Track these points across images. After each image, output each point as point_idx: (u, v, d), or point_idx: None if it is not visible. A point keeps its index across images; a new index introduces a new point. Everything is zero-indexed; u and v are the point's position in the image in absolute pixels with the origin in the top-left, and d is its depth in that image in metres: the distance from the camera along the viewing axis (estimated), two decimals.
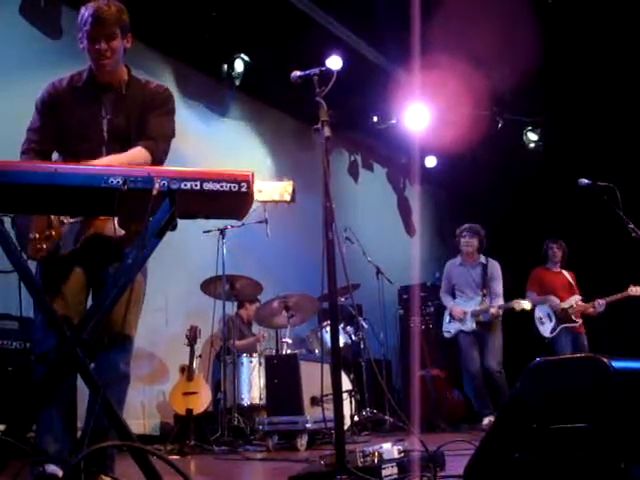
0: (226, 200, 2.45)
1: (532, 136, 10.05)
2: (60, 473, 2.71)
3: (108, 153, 3.02)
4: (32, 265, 2.67)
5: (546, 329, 7.46)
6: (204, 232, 6.41)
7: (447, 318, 7.54)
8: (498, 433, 2.45)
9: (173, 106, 3.23)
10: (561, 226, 8.58)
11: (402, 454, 3.11)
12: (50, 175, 2.36)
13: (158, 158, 3.04)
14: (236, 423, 6.13)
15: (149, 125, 3.10)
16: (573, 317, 7.35)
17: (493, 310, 7.13)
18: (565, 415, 2.27)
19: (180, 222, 2.52)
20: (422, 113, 9.38)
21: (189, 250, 6.91)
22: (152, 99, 3.16)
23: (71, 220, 2.81)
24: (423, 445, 3.07)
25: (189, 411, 5.92)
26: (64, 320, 2.61)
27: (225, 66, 7.93)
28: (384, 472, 2.88)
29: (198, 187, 2.39)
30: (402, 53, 7.66)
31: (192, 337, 6.29)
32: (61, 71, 6.62)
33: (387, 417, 7.08)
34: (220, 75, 7.94)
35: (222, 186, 2.40)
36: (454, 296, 7.60)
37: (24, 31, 6.35)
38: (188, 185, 2.38)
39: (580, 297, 7.48)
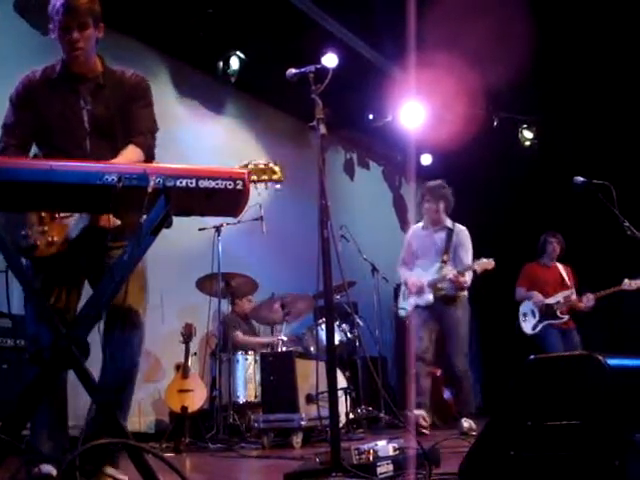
0: (222, 197, 2.45)
1: (527, 134, 10.06)
2: (54, 472, 2.71)
3: (92, 145, 3.01)
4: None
5: (528, 326, 7.26)
6: (199, 229, 6.40)
7: (402, 294, 6.59)
8: (493, 430, 2.46)
9: (152, 97, 3.21)
10: (556, 224, 8.57)
11: (397, 451, 3.11)
12: (45, 172, 2.35)
13: (150, 154, 3.04)
14: (231, 421, 6.13)
15: (135, 119, 3.07)
16: (558, 313, 7.12)
17: (451, 275, 6.15)
18: (560, 412, 2.27)
19: (175, 219, 2.52)
20: (417, 111, 9.40)
21: (184, 247, 6.90)
22: (133, 90, 3.14)
23: (62, 215, 2.79)
24: (418, 443, 3.07)
25: (184, 409, 5.92)
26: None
27: (221, 63, 7.91)
28: (379, 469, 2.88)
29: (194, 184, 2.39)
30: (398, 51, 7.64)
31: (187, 335, 6.29)
32: None
33: (382, 415, 7.08)
34: (216, 72, 7.92)
35: (218, 184, 2.40)
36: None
37: (19, 27, 6.32)
38: (184, 182, 2.39)
39: (571, 292, 7.25)
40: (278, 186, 3.21)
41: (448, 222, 6.52)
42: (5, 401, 4.55)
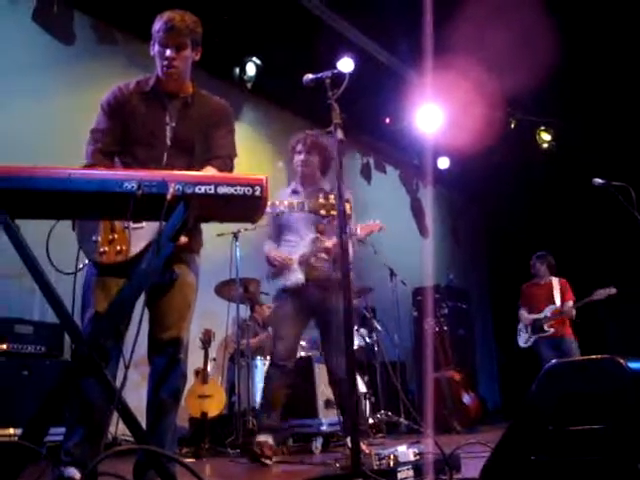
0: (240, 204, 2.45)
1: (545, 136, 10.02)
2: (78, 476, 2.73)
3: (169, 160, 3.08)
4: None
5: (521, 340, 7.82)
6: (217, 235, 6.42)
7: (269, 273, 5.02)
8: (514, 435, 2.45)
9: (234, 123, 3.33)
10: (575, 226, 8.54)
11: (418, 457, 3.11)
12: (64, 181, 2.37)
13: None
14: (251, 426, 6.14)
15: (217, 143, 3.18)
16: (545, 327, 7.57)
17: (329, 243, 4.78)
18: (581, 417, 2.26)
19: None
20: (434, 114, 9.38)
21: (203, 254, 6.90)
22: (218, 114, 3.25)
23: (133, 225, 2.84)
24: (439, 447, 3.06)
25: (204, 414, 5.94)
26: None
27: (237, 70, 7.95)
28: (400, 475, 2.87)
29: (212, 191, 2.40)
30: (414, 54, 7.66)
31: (206, 340, 6.31)
32: (75, 76, 6.72)
33: (402, 419, 7.07)
34: (232, 79, 7.96)
35: (236, 190, 2.40)
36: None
37: (37, 37, 6.39)
38: (202, 189, 2.39)
39: (557, 306, 7.61)
40: (335, 222, 3.33)
41: (325, 184, 4.97)
42: (26, 407, 4.62)
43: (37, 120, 6.11)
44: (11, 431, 4.81)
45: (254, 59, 7.91)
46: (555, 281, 7.84)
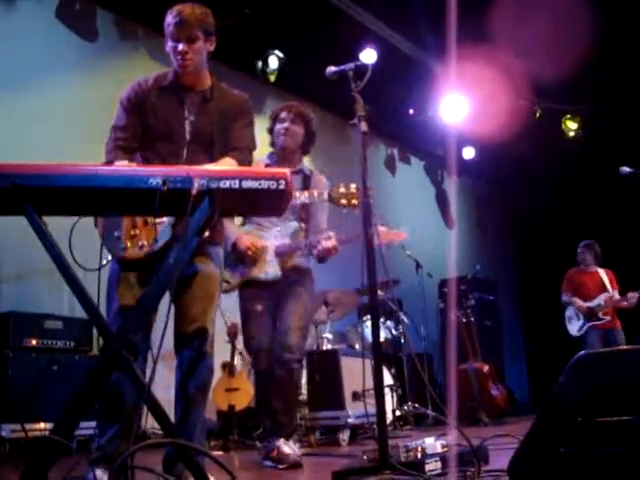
0: (265, 198, 2.46)
1: (571, 124, 9.92)
2: (105, 478, 2.75)
3: (189, 155, 3.09)
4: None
5: (573, 328, 7.66)
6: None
7: (232, 260, 4.31)
8: (542, 427, 2.43)
9: (253, 116, 3.32)
10: (603, 216, 8.46)
11: (445, 449, 3.10)
12: (91, 177, 2.39)
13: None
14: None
15: (235, 135, 3.17)
16: (600, 314, 7.47)
17: (329, 244, 4.14)
18: (610, 408, 2.24)
19: None
20: (459, 104, 9.33)
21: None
22: (236, 108, 3.23)
23: (155, 220, 2.86)
24: (467, 439, 3.05)
25: (231, 407, 5.97)
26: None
27: (260, 63, 7.96)
28: (427, 467, 2.87)
29: (237, 186, 2.40)
30: (437, 44, 7.60)
31: (233, 334, 6.33)
32: (98, 73, 6.76)
33: (429, 411, 7.06)
34: (255, 72, 7.97)
35: (260, 184, 2.41)
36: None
37: (60, 34, 6.44)
38: (227, 184, 2.40)
39: (611, 294, 7.54)
40: (356, 212, 3.31)
41: (304, 166, 4.51)
42: (56, 402, 4.68)
43: (59, 116, 6.17)
44: (42, 425, 4.87)
45: (276, 52, 7.91)
46: (601, 271, 7.78)
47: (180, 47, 3.06)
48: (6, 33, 6.02)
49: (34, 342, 5.21)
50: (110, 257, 2.95)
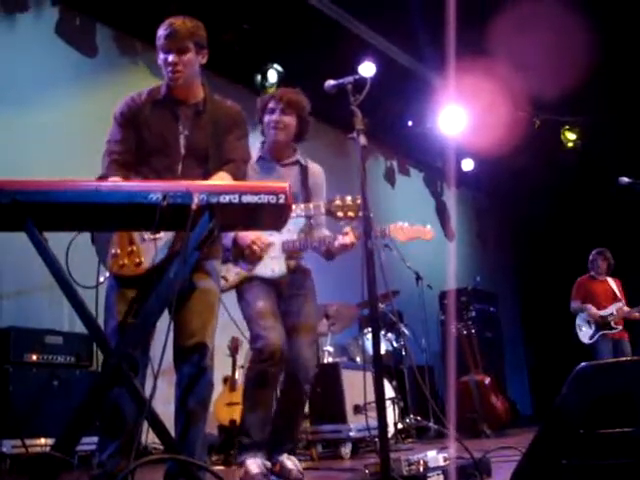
0: (265, 212, 2.47)
1: (570, 135, 9.94)
2: None
3: (184, 169, 3.08)
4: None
5: (585, 335, 7.62)
6: None
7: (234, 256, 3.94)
8: (544, 439, 2.42)
9: (247, 127, 3.31)
10: (603, 226, 8.46)
11: (447, 462, 3.09)
12: (91, 193, 2.40)
13: (241, 180, 3.09)
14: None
15: (229, 147, 3.15)
16: (612, 324, 7.47)
17: (346, 240, 3.85)
18: (612, 419, 2.23)
19: None
20: (458, 116, 9.35)
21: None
22: (230, 119, 3.22)
23: (152, 236, 2.87)
24: (469, 452, 3.04)
25: (233, 422, 5.95)
26: None
27: (259, 77, 7.99)
28: None
29: (237, 200, 2.41)
30: (436, 57, 7.64)
31: (234, 348, 6.32)
32: (97, 88, 6.78)
33: (431, 424, 7.03)
34: (254, 86, 7.99)
35: (260, 198, 2.42)
36: None
37: (60, 50, 6.47)
38: (227, 198, 2.41)
39: (623, 304, 7.56)
40: (354, 224, 3.28)
41: (299, 156, 4.25)
42: (57, 417, 4.67)
43: (59, 131, 6.18)
44: (42, 441, 4.86)
45: (275, 66, 7.94)
46: (610, 279, 7.78)
47: (170, 58, 3.05)
48: (6, 48, 6.04)
49: (34, 357, 5.21)
50: (107, 274, 2.95)
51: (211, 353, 3.07)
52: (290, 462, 3.89)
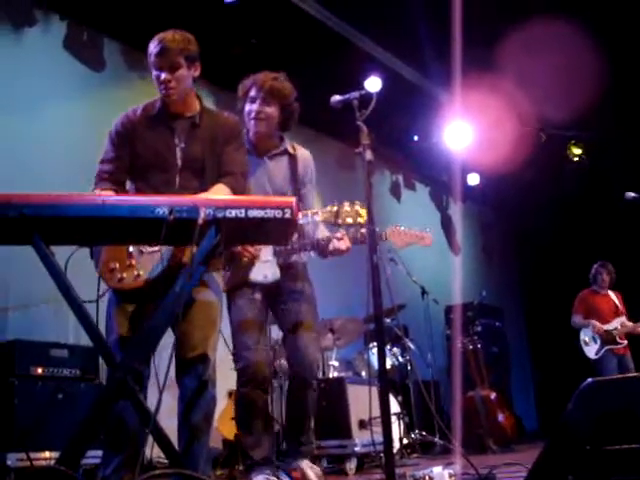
0: (271, 226, 2.48)
1: (576, 150, 9.94)
2: None
3: (181, 182, 3.08)
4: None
5: (591, 350, 7.55)
6: None
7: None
8: (550, 455, 2.41)
9: (244, 139, 3.33)
10: (608, 241, 8.44)
11: (453, 478, 3.07)
12: (98, 207, 2.41)
13: (239, 194, 3.06)
14: (284, 447, 6.11)
15: (227, 160, 3.14)
16: (617, 339, 7.42)
17: (343, 244, 3.80)
18: (619, 436, 2.22)
19: None
20: (463, 131, 9.37)
21: None
22: (227, 131, 3.21)
23: (149, 249, 2.88)
24: (474, 468, 3.03)
25: (237, 436, 5.92)
26: None
27: None
28: None
29: (243, 215, 2.42)
30: (442, 72, 7.66)
31: None
32: (105, 102, 6.81)
33: (437, 439, 7.00)
34: None
35: (266, 213, 2.43)
36: None
37: (68, 64, 6.49)
38: (233, 213, 2.42)
39: (625, 318, 7.53)
40: (363, 230, 3.24)
41: (287, 145, 4.05)
42: (62, 431, 4.66)
43: (66, 145, 6.20)
44: (47, 454, 4.84)
45: None
46: (612, 293, 7.74)
47: (163, 76, 3.05)
48: (14, 62, 6.07)
49: (40, 370, 5.19)
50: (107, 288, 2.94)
51: (213, 366, 3.07)
52: (312, 472, 3.85)
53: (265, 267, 3.75)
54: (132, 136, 3.14)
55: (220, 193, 2.99)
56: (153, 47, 3.06)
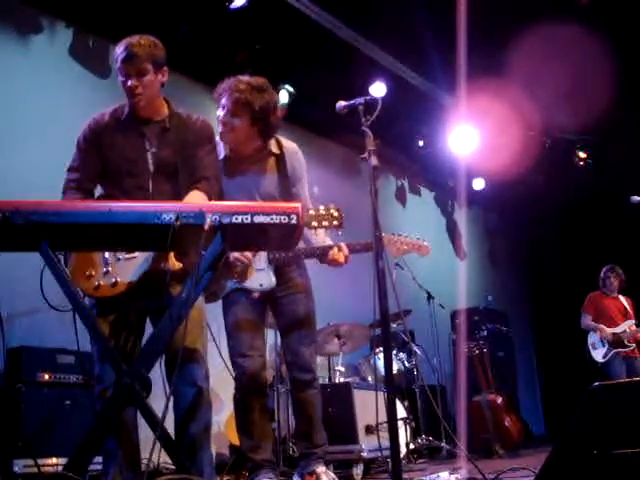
0: (277, 232, 2.48)
1: (581, 154, 9.93)
2: None
3: (155, 187, 3.06)
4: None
5: (598, 354, 7.58)
6: None
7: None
8: (557, 460, 2.41)
9: (215, 141, 3.29)
10: (614, 245, 8.42)
11: None
12: (104, 214, 2.42)
13: (214, 198, 3.07)
14: (291, 452, 6.11)
15: (200, 164, 3.12)
16: (626, 342, 7.44)
17: (342, 257, 3.79)
18: (626, 440, 2.22)
19: None
20: (469, 136, 9.36)
21: None
22: (197, 134, 3.19)
23: (127, 256, 2.86)
24: (481, 473, 3.02)
25: None
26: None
27: None
28: None
29: (249, 220, 2.43)
30: (447, 77, 7.67)
31: None
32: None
33: (443, 444, 6.99)
34: None
35: (272, 219, 2.43)
36: None
37: (74, 71, 6.51)
38: (239, 219, 2.42)
39: (634, 322, 7.55)
40: (340, 233, 3.25)
41: (272, 144, 3.83)
42: (69, 437, 4.66)
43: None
44: (54, 460, 4.85)
45: (287, 86, 7.98)
46: (622, 297, 7.76)
47: (129, 82, 3.04)
48: (20, 69, 6.09)
49: (46, 377, 5.20)
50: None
51: (206, 369, 3.05)
52: (327, 478, 3.85)
53: (260, 275, 3.70)
54: (100, 140, 3.12)
55: (196, 200, 2.97)
56: (119, 52, 3.03)
